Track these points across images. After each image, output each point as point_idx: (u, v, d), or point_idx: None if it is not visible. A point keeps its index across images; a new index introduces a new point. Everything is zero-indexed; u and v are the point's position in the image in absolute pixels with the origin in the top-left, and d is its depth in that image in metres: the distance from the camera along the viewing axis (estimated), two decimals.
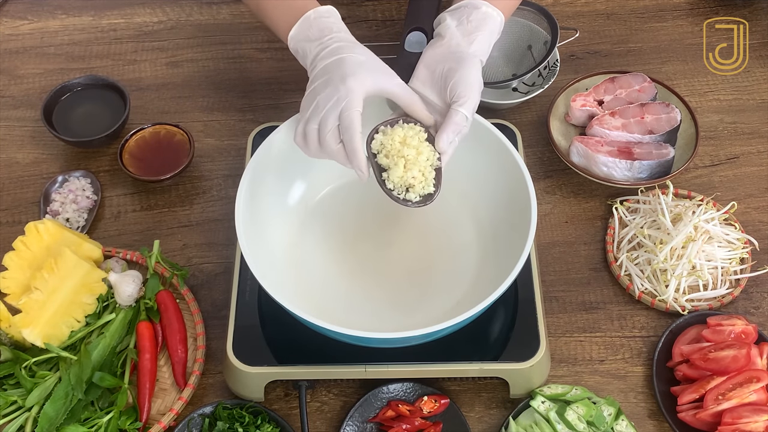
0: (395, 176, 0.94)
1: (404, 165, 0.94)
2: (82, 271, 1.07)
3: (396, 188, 0.95)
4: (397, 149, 0.94)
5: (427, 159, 0.95)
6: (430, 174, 0.95)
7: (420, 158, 0.94)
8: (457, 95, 0.96)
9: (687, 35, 1.42)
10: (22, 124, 1.33)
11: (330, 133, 0.92)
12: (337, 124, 0.91)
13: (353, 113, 0.90)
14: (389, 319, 1.03)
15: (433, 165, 0.95)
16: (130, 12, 1.47)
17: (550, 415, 1.01)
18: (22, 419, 1.01)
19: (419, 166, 0.94)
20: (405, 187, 0.94)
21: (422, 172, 0.94)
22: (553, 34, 1.25)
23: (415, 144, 0.95)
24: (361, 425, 1.03)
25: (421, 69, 1.01)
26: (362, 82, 0.92)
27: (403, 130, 0.95)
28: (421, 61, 1.01)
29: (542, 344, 1.02)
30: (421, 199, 0.95)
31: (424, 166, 0.94)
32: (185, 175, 1.26)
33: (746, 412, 0.98)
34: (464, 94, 0.95)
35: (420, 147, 0.95)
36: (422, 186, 0.94)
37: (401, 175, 0.93)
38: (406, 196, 0.95)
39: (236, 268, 1.08)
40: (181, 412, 1.04)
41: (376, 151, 0.95)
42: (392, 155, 0.94)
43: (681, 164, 1.20)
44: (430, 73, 1.00)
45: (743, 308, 1.13)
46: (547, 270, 1.16)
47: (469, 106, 0.96)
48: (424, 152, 0.95)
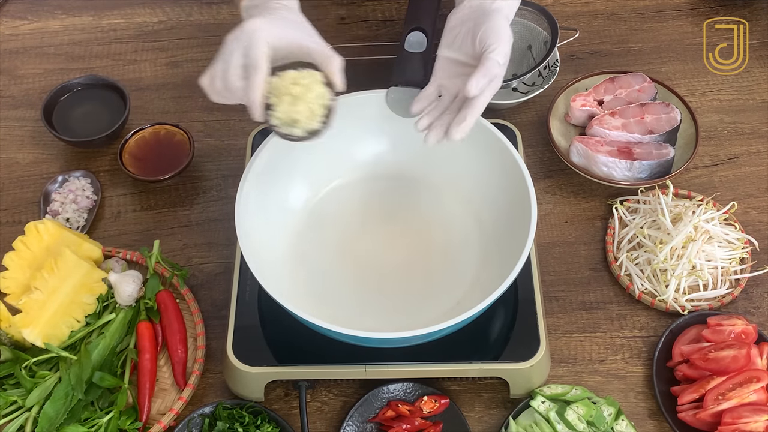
0: (280, 111, 0.92)
1: (290, 102, 0.92)
2: (82, 271, 1.07)
3: (281, 124, 0.93)
4: (286, 87, 0.93)
5: (318, 96, 0.93)
6: (318, 110, 0.93)
7: (309, 95, 0.92)
8: (486, 45, 0.94)
9: (687, 35, 1.42)
10: (22, 124, 1.33)
11: (235, 70, 0.91)
12: (241, 62, 0.91)
13: (257, 51, 0.90)
14: (389, 319, 1.03)
15: (324, 104, 0.94)
16: (130, 12, 1.47)
17: (550, 415, 1.01)
18: (22, 419, 1.01)
19: (307, 102, 0.92)
20: (290, 122, 0.93)
21: (309, 108, 0.93)
22: (553, 34, 1.25)
23: (305, 83, 0.93)
24: (361, 425, 1.03)
25: (446, 35, 1.00)
26: (270, 27, 0.92)
27: (297, 72, 0.94)
28: (446, 28, 1.00)
29: (542, 344, 1.02)
30: (307, 134, 0.94)
31: (313, 102, 0.93)
32: (185, 175, 1.26)
33: (746, 412, 0.98)
34: (494, 42, 0.94)
35: (311, 85, 0.93)
36: (307, 121, 0.93)
37: (286, 109, 0.92)
38: (291, 132, 0.93)
39: (236, 268, 1.08)
40: (181, 412, 1.04)
41: (268, 93, 0.93)
42: (280, 93, 0.93)
43: (681, 164, 1.20)
44: (455, 36, 0.99)
45: (743, 308, 1.13)
46: (547, 270, 1.16)
47: (500, 52, 0.94)
48: (314, 90, 0.93)
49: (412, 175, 1.15)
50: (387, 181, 1.15)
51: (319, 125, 0.94)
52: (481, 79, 0.93)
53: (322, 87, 0.94)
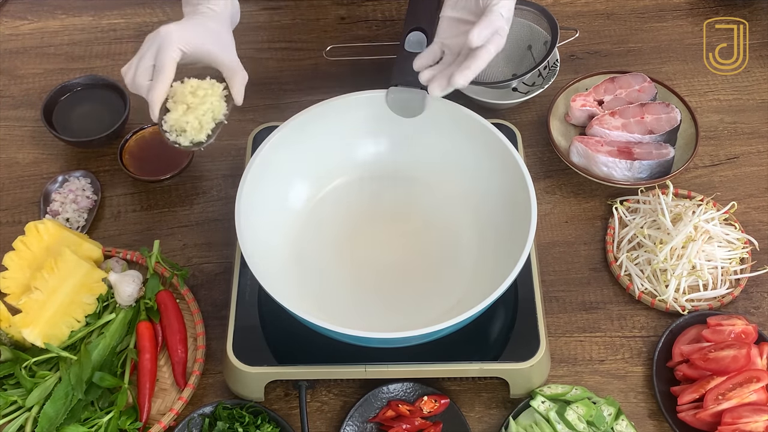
0: (172, 118, 0.98)
1: (183, 110, 0.98)
2: (82, 271, 1.07)
3: (171, 130, 0.99)
4: (183, 96, 0.99)
5: (210, 110, 0.99)
6: (208, 124, 0.99)
7: (201, 107, 0.98)
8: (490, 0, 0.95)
9: (687, 35, 1.42)
10: (22, 124, 1.33)
11: (144, 69, 0.98)
12: (151, 63, 0.98)
13: (165, 56, 0.97)
14: (389, 319, 1.03)
15: (216, 119, 1.00)
16: (130, 12, 1.47)
17: (550, 415, 1.01)
18: (22, 419, 1.01)
19: (197, 114, 0.98)
20: (179, 130, 0.99)
21: (198, 120, 0.98)
22: (553, 34, 1.25)
23: (202, 95, 0.99)
24: (361, 425, 1.03)
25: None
26: (184, 33, 0.98)
27: (197, 81, 1.01)
28: None
29: (542, 344, 1.02)
30: (191, 144, 0.99)
31: (204, 115, 0.99)
32: (185, 175, 1.26)
33: (746, 412, 0.98)
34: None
35: (206, 98, 0.99)
36: (194, 133, 0.98)
37: (177, 117, 0.98)
38: (176, 140, 0.99)
39: (236, 268, 1.08)
40: (181, 412, 1.04)
41: (169, 96, 0.99)
42: (178, 100, 0.99)
43: (681, 164, 1.20)
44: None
45: (743, 308, 1.13)
46: (547, 270, 1.16)
47: (504, 5, 0.94)
48: (206, 103, 0.99)
49: (412, 175, 1.15)
50: (387, 181, 1.15)
51: (204, 138, 0.99)
52: (484, 29, 0.93)
53: (219, 100, 1.01)
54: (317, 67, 1.37)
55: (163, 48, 0.97)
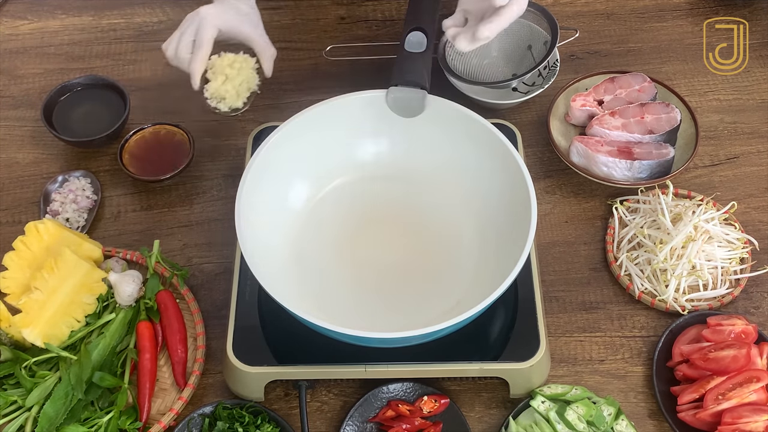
0: (212, 87, 1.14)
1: (222, 81, 1.13)
2: (82, 271, 1.07)
3: (211, 97, 1.14)
4: (222, 68, 1.13)
5: (245, 82, 1.15)
6: (244, 93, 1.15)
7: (238, 78, 1.14)
8: None
9: (687, 35, 1.42)
10: (22, 124, 1.33)
11: (185, 44, 1.13)
12: (192, 38, 1.13)
13: (204, 34, 1.12)
14: (389, 319, 1.03)
15: (250, 89, 1.16)
16: (130, 12, 1.47)
17: (550, 415, 1.01)
18: (22, 419, 1.01)
19: (234, 84, 1.14)
20: (218, 97, 1.14)
21: (236, 89, 1.14)
22: (553, 34, 1.25)
23: (238, 67, 1.14)
24: (361, 425, 1.03)
25: None
26: (219, 14, 1.14)
27: (235, 56, 1.15)
28: None
29: (542, 344, 1.02)
30: (228, 110, 1.15)
31: (240, 84, 1.14)
32: (185, 175, 1.26)
33: (746, 412, 0.98)
34: None
35: (242, 71, 1.15)
36: (232, 100, 1.14)
37: (217, 87, 1.13)
38: (217, 106, 1.15)
39: (236, 268, 1.08)
40: (181, 412, 1.04)
41: (208, 68, 1.14)
42: (217, 72, 1.13)
43: (681, 164, 1.20)
44: None
45: (743, 308, 1.13)
46: (547, 270, 1.16)
47: None
48: (242, 74, 1.14)
49: (412, 175, 1.15)
50: (387, 181, 1.15)
51: (241, 105, 1.16)
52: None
53: (252, 72, 1.16)
54: (317, 67, 1.37)
55: (203, 26, 1.12)
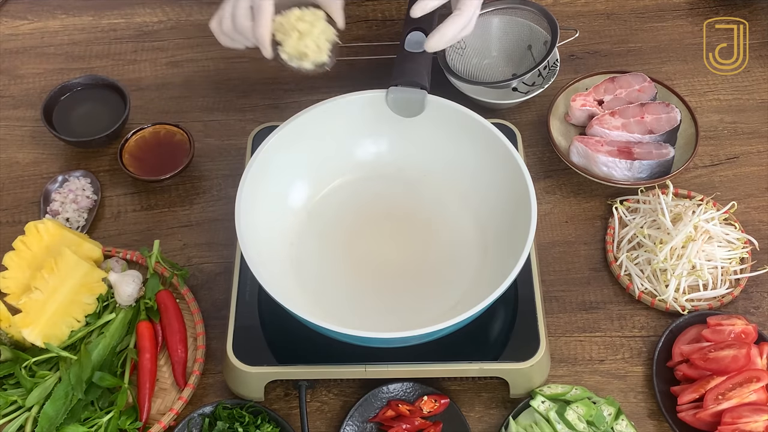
0: (289, 46, 1.02)
1: (298, 37, 1.01)
2: (82, 271, 1.07)
3: (291, 58, 1.03)
4: (292, 24, 1.01)
5: (322, 32, 1.02)
6: (324, 45, 1.03)
7: (314, 30, 1.01)
8: None
9: (687, 35, 1.42)
10: (22, 124, 1.33)
11: (243, 11, 1.01)
12: (249, 5, 1.01)
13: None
14: (389, 319, 1.03)
15: (329, 39, 1.03)
16: (130, 12, 1.47)
17: (550, 415, 1.01)
18: (22, 419, 1.01)
19: (313, 37, 1.01)
20: (299, 56, 1.02)
21: (316, 42, 1.02)
22: (553, 34, 1.25)
23: (310, 19, 1.02)
24: (361, 425, 1.03)
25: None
26: None
27: (300, 10, 1.02)
28: None
29: (542, 344, 1.02)
30: (316, 67, 1.03)
31: (318, 36, 1.02)
32: (185, 175, 1.26)
33: (746, 411, 0.98)
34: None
35: (315, 22, 1.02)
36: (315, 55, 1.02)
37: (294, 44, 1.01)
38: (301, 64, 1.03)
39: (236, 268, 1.08)
40: (181, 412, 1.04)
41: (275, 30, 1.02)
42: (287, 30, 1.01)
43: (681, 164, 1.20)
44: None
45: (743, 308, 1.13)
46: (547, 270, 1.16)
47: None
48: (318, 26, 1.02)
49: (412, 175, 1.15)
50: (387, 180, 1.15)
51: (326, 58, 1.03)
52: None
53: (325, 23, 1.03)
54: None
55: None
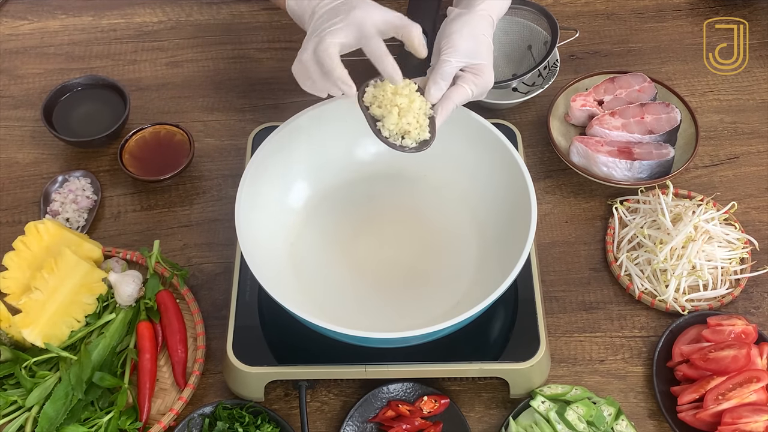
0: (390, 123, 0.96)
1: (398, 113, 0.96)
2: (82, 271, 1.07)
3: (392, 136, 0.97)
4: (390, 99, 0.96)
5: (420, 108, 0.97)
6: (424, 121, 0.97)
7: (413, 106, 0.96)
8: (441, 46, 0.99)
9: (687, 35, 1.42)
10: (22, 124, 1.33)
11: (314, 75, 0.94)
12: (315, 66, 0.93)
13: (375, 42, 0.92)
14: (389, 319, 1.03)
15: (426, 113, 0.98)
16: (130, 12, 1.47)
17: (550, 415, 1.01)
18: (22, 419, 1.01)
19: (413, 113, 0.96)
20: (401, 134, 0.97)
21: (416, 119, 0.96)
22: (553, 34, 1.25)
23: (407, 93, 0.96)
24: (361, 425, 1.03)
25: None
26: (370, 13, 0.94)
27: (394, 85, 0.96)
28: None
29: (542, 344, 1.02)
30: (418, 145, 0.97)
31: (418, 113, 0.97)
32: (185, 175, 1.26)
33: (746, 412, 0.98)
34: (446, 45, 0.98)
35: (411, 96, 0.97)
36: (418, 132, 0.97)
37: (396, 122, 0.96)
38: (403, 143, 0.97)
39: (236, 268, 1.08)
40: (181, 412, 1.04)
41: (369, 103, 0.97)
42: (385, 105, 0.96)
43: (681, 164, 1.20)
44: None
45: (743, 308, 1.13)
46: (547, 270, 1.16)
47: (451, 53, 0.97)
48: (416, 101, 0.97)
49: (412, 175, 1.15)
50: (387, 181, 1.15)
51: (428, 136, 0.97)
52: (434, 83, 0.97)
53: (419, 97, 0.98)
54: None
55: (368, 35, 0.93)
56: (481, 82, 0.99)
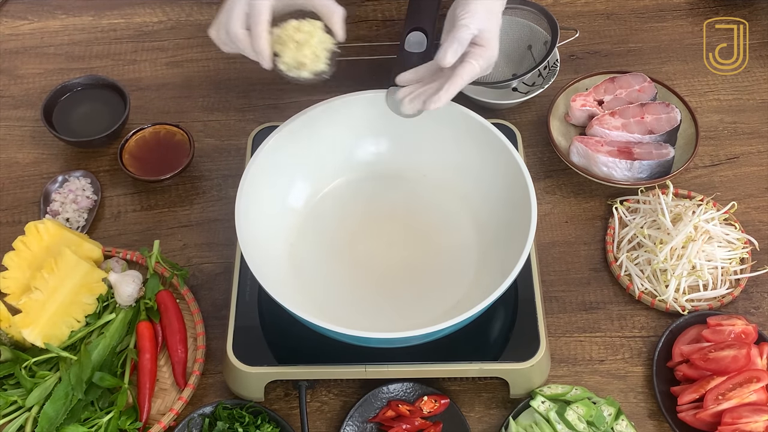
0: (287, 56, 0.98)
1: (295, 47, 0.98)
2: (82, 271, 1.07)
3: (289, 68, 0.99)
4: (289, 35, 0.98)
5: (320, 41, 1.00)
6: (323, 54, 1.00)
7: (312, 40, 0.99)
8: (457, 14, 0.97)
9: (687, 35, 1.42)
10: (22, 124, 1.33)
11: (237, 19, 0.96)
12: (245, 10, 0.96)
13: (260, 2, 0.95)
14: (389, 319, 1.03)
15: (327, 48, 1.00)
16: (130, 12, 1.47)
17: (550, 415, 1.01)
18: (22, 419, 1.01)
19: (311, 47, 0.99)
20: (297, 65, 0.99)
21: (314, 52, 0.99)
22: (553, 34, 1.25)
23: (307, 29, 0.99)
24: (361, 425, 1.03)
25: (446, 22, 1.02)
26: None
27: (297, 22, 1.00)
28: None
29: (542, 344, 1.02)
30: (314, 76, 1.00)
31: (316, 46, 0.99)
32: (185, 175, 1.26)
33: (746, 412, 0.99)
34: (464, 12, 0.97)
35: (312, 32, 0.99)
36: (313, 64, 0.99)
37: (293, 55, 0.98)
38: (299, 74, 0.99)
39: (236, 268, 1.08)
40: (181, 412, 1.04)
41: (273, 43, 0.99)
42: (285, 41, 0.99)
43: (681, 164, 1.20)
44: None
45: (743, 308, 1.13)
46: (547, 270, 1.16)
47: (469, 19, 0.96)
48: (316, 36, 0.99)
49: (412, 175, 1.15)
50: (387, 181, 1.15)
51: (325, 66, 1.00)
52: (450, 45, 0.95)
53: (323, 33, 1.00)
54: None
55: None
56: (487, 55, 0.98)
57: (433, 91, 0.98)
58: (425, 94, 0.99)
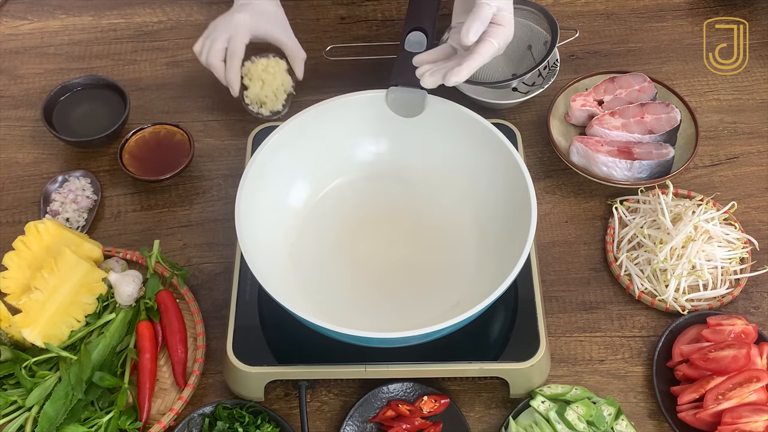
0: (252, 93, 1.24)
1: (261, 86, 1.23)
2: (82, 271, 1.07)
3: (252, 103, 1.25)
4: (258, 74, 1.24)
5: (282, 84, 1.25)
6: (282, 96, 1.25)
7: (274, 82, 1.24)
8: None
9: (687, 35, 1.42)
10: (22, 124, 1.33)
11: (216, 52, 1.21)
12: (224, 46, 1.21)
13: (237, 42, 1.20)
14: (389, 319, 1.03)
15: (287, 91, 1.26)
16: (130, 12, 1.47)
17: (550, 415, 1.01)
18: (22, 419, 1.01)
19: (273, 88, 1.24)
20: (259, 103, 1.25)
21: (275, 93, 1.24)
22: (553, 34, 1.25)
23: (272, 71, 1.24)
24: (361, 425, 1.03)
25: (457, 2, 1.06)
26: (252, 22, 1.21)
27: (267, 60, 1.26)
28: None
29: (542, 344, 1.02)
30: (270, 114, 1.25)
31: (277, 88, 1.25)
32: (185, 175, 1.26)
33: (746, 412, 0.99)
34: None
35: (276, 74, 1.25)
36: (273, 104, 1.25)
37: (257, 93, 1.24)
38: (259, 111, 1.25)
39: (236, 268, 1.08)
40: (181, 412, 1.04)
41: (243, 75, 1.24)
42: (254, 78, 1.24)
43: (681, 164, 1.20)
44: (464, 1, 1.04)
45: (743, 308, 1.13)
46: (547, 270, 1.16)
47: None
48: (278, 78, 1.25)
49: (412, 175, 1.15)
50: (387, 180, 1.15)
51: (281, 107, 1.25)
52: (473, 23, 0.97)
53: (286, 75, 1.26)
54: (317, 67, 1.37)
55: (236, 36, 1.19)
56: (504, 33, 0.99)
57: (452, 66, 0.99)
58: (445, 68, 0.99)
